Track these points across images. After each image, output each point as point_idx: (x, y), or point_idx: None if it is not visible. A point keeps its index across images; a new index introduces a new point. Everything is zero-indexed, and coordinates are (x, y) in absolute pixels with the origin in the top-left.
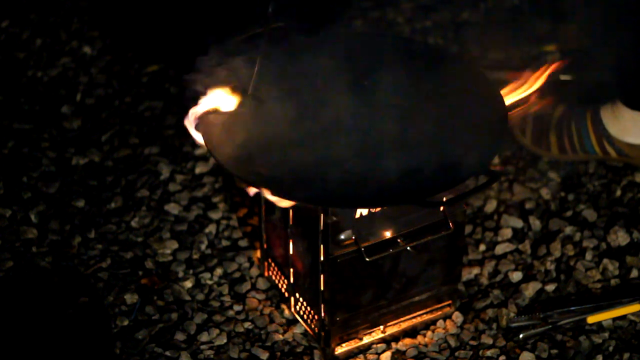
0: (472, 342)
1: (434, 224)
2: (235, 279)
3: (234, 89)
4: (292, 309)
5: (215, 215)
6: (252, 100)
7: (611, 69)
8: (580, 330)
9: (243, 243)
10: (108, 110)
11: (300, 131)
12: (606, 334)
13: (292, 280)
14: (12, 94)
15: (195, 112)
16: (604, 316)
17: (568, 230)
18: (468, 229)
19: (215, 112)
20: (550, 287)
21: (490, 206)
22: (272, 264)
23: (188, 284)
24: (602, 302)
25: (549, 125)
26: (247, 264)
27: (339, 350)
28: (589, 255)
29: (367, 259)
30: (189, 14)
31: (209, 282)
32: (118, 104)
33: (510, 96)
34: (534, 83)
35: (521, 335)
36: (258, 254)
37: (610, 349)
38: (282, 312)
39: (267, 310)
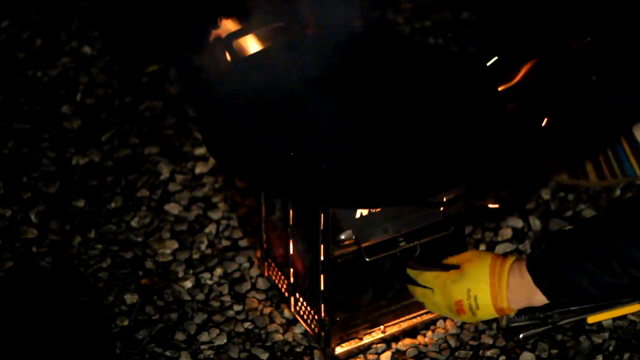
0: (472, 342)
1: (434, 224)
2: (235, 279)
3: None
4: (292, 309)
5: (215, 215)
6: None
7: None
8: (580, 330)
9: (243, 243)
10: (108, 110)
11: (299, 131)
12: (606, 334)
13: (292, 280)
14: (12, 94)
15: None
16: (604, 316)
17: None
18: (468, 229)
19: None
20: None
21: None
22: (272, 264)
23: (188, 284)
24: (602, 302)
25: (581, 153)
26: (247, 264)
27: (339, 350)
28: None
29: (367, 259)
30: (189, 13)
31: (209, 282)
32: (118, 104)
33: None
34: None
35: (521, 335)
36: (258, 254)
37: (610, 349)
38: (282, 312)
39: (267, 310)
